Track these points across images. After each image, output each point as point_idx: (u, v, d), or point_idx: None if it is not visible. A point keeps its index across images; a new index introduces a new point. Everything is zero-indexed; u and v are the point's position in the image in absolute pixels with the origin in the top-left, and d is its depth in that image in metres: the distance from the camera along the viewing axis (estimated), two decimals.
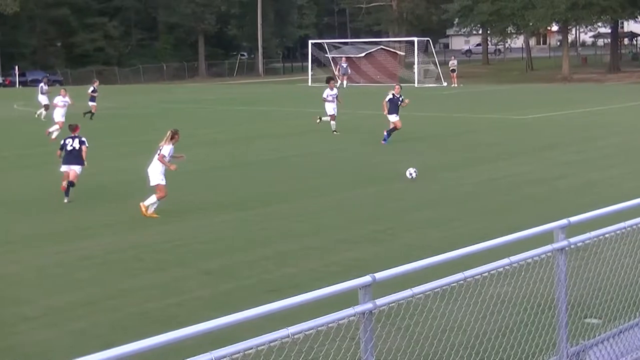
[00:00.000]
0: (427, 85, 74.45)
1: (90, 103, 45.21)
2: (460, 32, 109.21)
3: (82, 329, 11.62)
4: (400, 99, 32.13)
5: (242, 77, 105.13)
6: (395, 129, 31.77)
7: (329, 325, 6.11)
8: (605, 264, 9.41)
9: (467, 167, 25.96)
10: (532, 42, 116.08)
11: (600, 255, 9.16)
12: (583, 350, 8.65)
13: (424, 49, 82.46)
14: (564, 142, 31.67)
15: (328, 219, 18.75)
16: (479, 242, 7.65)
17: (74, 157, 21.75)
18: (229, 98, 62.85)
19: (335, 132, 34.59)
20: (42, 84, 47.33)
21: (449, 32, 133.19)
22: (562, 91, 64.41)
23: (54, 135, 33.99)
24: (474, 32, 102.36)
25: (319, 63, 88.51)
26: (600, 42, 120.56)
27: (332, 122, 34.91)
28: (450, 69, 77.43)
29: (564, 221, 8.24)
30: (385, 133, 31.73)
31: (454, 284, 7.14)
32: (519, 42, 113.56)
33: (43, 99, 45.84)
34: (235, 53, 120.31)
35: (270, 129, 39.41)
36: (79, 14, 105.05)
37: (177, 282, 13.85)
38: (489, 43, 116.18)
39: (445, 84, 74.41)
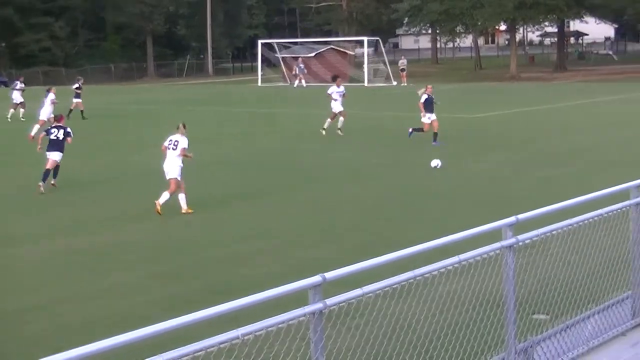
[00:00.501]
0: (377, 85, 74.63)
1: (75, 100, 44.86)
2: (409, 32, 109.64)
3: (30, 336, 11.48)
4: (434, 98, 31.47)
5: (191, 77, 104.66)
6: (422, 129, 31.16)
7: (279, 325, 6.11)
8: (553, 261, 9.53)
9: (415, 167, 26.05)
10: (481, 41, 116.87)
11: (547, 252, 9.27)
12: (531, 346, 8.73)
13: (374, 48, 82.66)
14: (512, 140, 31.91)
15: (278, 220, 18.73)
16: (428, 241, 7.69)
17: (57, 145, 23.09)
18: (178, 99, 62.49)
19: (339, 131, 33.81)
20: (17, 81, 47.34)
21: (399, 31, 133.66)
22: (510, 90, 64.92)
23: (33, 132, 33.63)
24: (424, 31, 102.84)
25: (269, 63, 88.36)
26: (547, 41, 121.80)
27: (341, 119, 34.16)
28: (400, 68, 77.65)
29: (511, 219, 8.32)
30: (410, 130, 31.59)
31: (404, 283, 7.17)
32: (468, 41, 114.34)
33: (17, 97, 45.69)
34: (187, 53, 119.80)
35: (222, 128, 39.25)
36: (24, 14, 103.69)
37: (126, 286, 13.74)
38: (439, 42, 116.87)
39: (395, 83, 74.62)
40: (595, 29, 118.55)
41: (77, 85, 45.62)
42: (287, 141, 33.04)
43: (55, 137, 23.18)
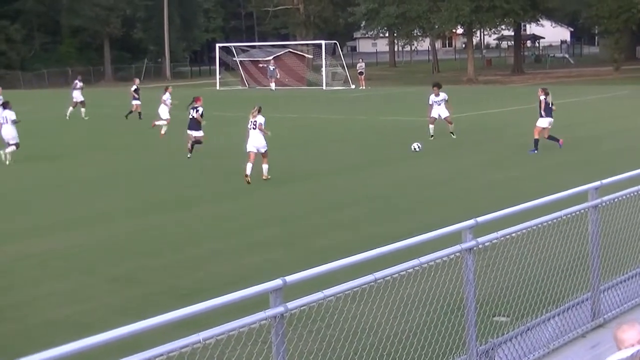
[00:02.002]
0: (335, 88, 74.77)
1: (134, 102, 45.95)
2: (367, 35, 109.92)
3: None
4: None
5: (149, 81, 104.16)
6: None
7: (241, 329, 6.09)
8: (512, 263, 9.58)
9: (373, 169, 26.12)
10: (438, 44, 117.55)
11: (507, 255, 9.31)
12: (492, 349, 8.77)
13: (332, 51, 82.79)
14: (467, 143, 32.07)
15: (237, 223, 18.68)
16: (388, 244, 7.70)
17: (194, 123, 28.90)
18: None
19: (431, 137, 33.64)
20: (77, 81, 49.15)
21: (357, 34, 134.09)
22: (468, 93, 65.26)
23: (163, 130, 36.41)
24: (381, 35, 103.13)
25: (227, 67, 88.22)
26: (504, 44, 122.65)
27: (431, 126, 33.95)
28: (358, 71, 77.82)
29: (471, 221, 8.36)
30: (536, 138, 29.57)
31: (364, 286, 7.18)
32: (425, 44, 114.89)
33: (78, 96, 47.82)
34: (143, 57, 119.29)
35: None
36: None
37: (83, 289, 13.62)
38: (396, 45, 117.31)
39: (353, 86, 74.79)
40: (552, 33, 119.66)
41: (134, 87, 46.72)
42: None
43: (192, 117, 28.91)
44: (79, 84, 48.97)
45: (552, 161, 26.61)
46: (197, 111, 28.96)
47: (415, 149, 29.32)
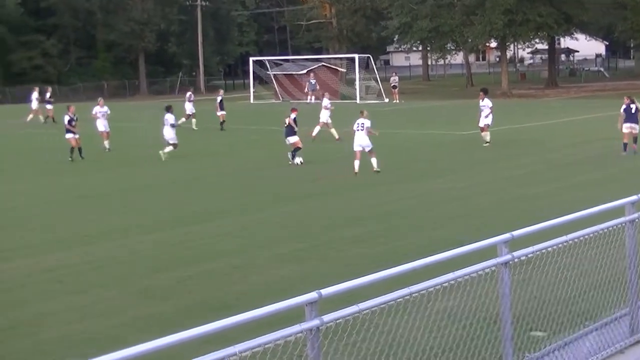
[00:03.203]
0: (368, 102, 74.74)
1: (219, 113, 48.12)
2: (400, 49, 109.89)
3: (1, 355, 11.39)
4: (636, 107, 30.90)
5: (183, 94, 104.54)
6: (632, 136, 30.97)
7: (276, 342, 6.08)
8: (549, 277, 9.49)
9: (410, 182, 26.08)
10: (472, 58, 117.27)
11: (543, 269, 9.23)
12: None
13: (365, 65, 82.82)
14: (503, 157, 31.94)
15: (273, 235, 18.66)
16: (423, 257, 7.66)
17: (290, 131, 30.91)
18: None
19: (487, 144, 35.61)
20: (190, 93, 52.18)
21: (390, 48, 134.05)
22: (501, 106, 64.96)
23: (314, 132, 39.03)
24: (414, 48, 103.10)
25: (260, 80, 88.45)
26: (538, 58, 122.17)
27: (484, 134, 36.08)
28: (392, 85, 77.79)
29: (507, 235, 8.30)
30: (625, 142, 30.78)
31: (400, 299, 7.14)
32: (459, 58, 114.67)
33: (190, 108, 49.92)
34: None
35: (208, 147, 39.26)
36: (16, 32, 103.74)
37: (98, 304, 13.59)
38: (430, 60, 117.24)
39: (386, 100, 74.73)
40: (586, 46, 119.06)
41: (219, 98, 48.73)
42: (250, 161, 33.05)
43: (287, 124, 30.93)
44: (192, 96, 51.50)
45: (589, 176, 26.44)
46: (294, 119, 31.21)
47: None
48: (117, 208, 23.13)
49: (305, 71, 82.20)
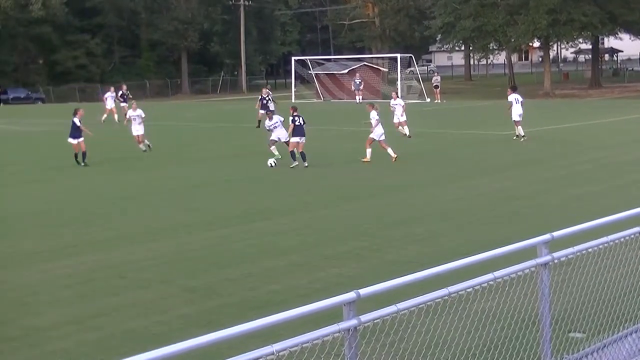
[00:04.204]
0: (410, 101, 74.55)
1: (261, 111, 47.13)
2: (442, 49, 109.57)
3: (66, 349, 11.53)
4: None
5: (225, 94, 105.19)
6: None
7: (314, 341, 6.10)
8: (589, 279, 9.44)
9: (451, 183, 26.00)
10: (514, 58, 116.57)
11: (583, 270, 9.19)
12: None
13: (407, 65, 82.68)
14: (546, 157, 31.76)
15: (312, 235, 18.71)
16: (462, 258, 7.66)
17: (301, 130, 30.33)
18: (212, 115, 62.75)
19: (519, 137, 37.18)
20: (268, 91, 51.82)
21: (432, 48, 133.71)
22: (544, 106, 64.66)
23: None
24: (457, 48, 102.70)
25: (302, 80, 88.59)
26: (582, 58, 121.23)
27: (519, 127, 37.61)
28: (434, 85, 77.59)
29: (547, 236, 8.26)
30: None
31: (438, 300, 7.14)
32: (501, 58, 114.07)
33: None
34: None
35: (253, 146, 39.37)
36: (61, 32, 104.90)
37: (161, 300, 13.76)
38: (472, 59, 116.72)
39: (428, 99, 74.55)
40: (631, 46, 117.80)
41: (262, 97, 48.55)
42: (315, 159, 33.06)
43: (299, 123, 30.35)
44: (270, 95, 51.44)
45: (636, 176, 26.22)
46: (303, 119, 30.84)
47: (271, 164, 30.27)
48: (178, 205, 23.28)
49: (347, 71, 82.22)
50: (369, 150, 31.35)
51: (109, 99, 54.97)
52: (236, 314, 12.21)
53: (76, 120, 32.35)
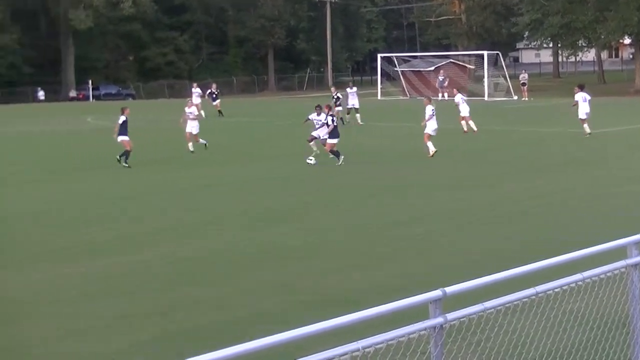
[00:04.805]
0: (497, 99, 73.96)
1: (337, 109, 48.05)
2: (530, 46, 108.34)
3: (134, 342, 11.68)
4: None
5: (311, 90, 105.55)
6: None
7: (400, 339, 6.09)
8: None
9: (538, 180, 25.71)
10: (604, 55, 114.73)
11: None
12: None
13: (494, 62, 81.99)
14: (633, 155, 31.21)
15: (397, 231, 18.64)
16: (550, 257, 7.56)
17: (337, 131, 30.85)
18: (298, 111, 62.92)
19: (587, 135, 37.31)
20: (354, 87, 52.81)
21: (519, 45, 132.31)
22: (635, 105, 63.49)
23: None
24: (545, 45, 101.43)
25: (388, 77, 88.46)
26: None
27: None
28: (521, 82, 76.79)
29: (637, 236, 8.11)
30: None
31: (525, 299, 7.07)
32: (590, 55, 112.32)
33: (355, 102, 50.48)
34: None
35: None
36: (150, 29, 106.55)
37: (241, 295, 13.83)
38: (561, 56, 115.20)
39: (515, 97, 73.82)
40: None
41: (336, 95, 49.57)
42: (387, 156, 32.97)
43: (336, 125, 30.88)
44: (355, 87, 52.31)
45: None
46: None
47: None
48: (241, 198, 23.48)
49: (433, 68, 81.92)
50: (429, 144, 31.76)
51: (195, 95, 56.09)
52: (320, 310, 12.22)
53: (123, 117, 32.21)
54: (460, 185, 25.17)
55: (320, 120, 31.45)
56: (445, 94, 73.84)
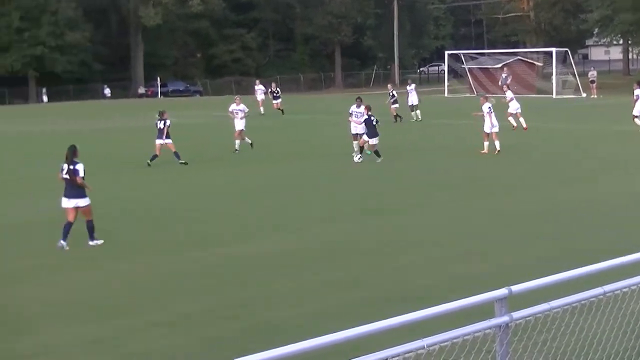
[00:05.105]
0: (565, 97, 73.12)
1: (393, 106, 49.33)
2: (599, 43, 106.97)
3: (218, 337, 11.77)
4: None
5: (378, 87, 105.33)
6: None
7: (465, 337, 6.07)
8: None
9: (605, 180, 25.41)
10: None
11: None
12: None
13: (562, 59, 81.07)
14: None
15: (463, 229, 18.55)
16: (617, 256, 7.48)
17: (375, 130, 30.42)
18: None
19: None
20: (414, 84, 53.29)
21: (588, 42, 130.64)
22: None
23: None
24: (615, 42, 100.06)
25: (455, 74, 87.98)
26: None
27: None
28: (590, 80, 75.82)
29: None
30: None
31: (592, 299, 6.99)
32: None
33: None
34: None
35: (397, 140, 39.34)
36: (218, 26, 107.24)
37: (305, 292, 13.87)
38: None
39: (584, 95, 72.92)
40: None
41: (392, 92, 50.26)
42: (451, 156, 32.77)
43: (375, 124, 30.35)
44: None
45: None
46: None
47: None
48: (319, 197, 23.56)
49: (500, 65, 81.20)
50: (487, 143, 31.91)
51: (259, 92, 56.95)
52: (384, 307, 12.20)
53: (168, 121, 31.90)
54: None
55: (360, 113, 31.44)
56: (509, 92, 73.22)
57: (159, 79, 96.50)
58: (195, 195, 24.81)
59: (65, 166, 17.72)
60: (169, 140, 31.59)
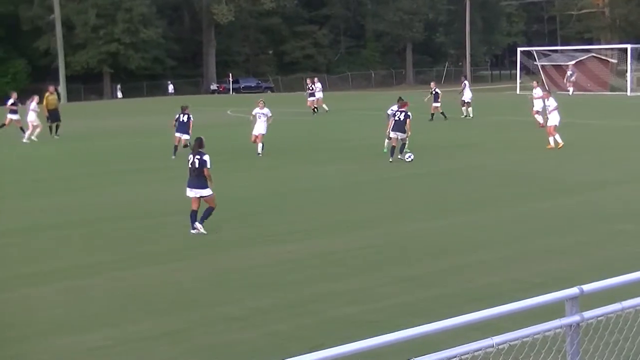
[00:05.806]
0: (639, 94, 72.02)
1: (434, 104, 48.62)
2: None
3: (285, 331, 11.84)
4: None
5: (449, 84, 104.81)
6: None
7: (535, 336, 6.04)
8: None
9: None
10: None
11: None
12: None
13: (638, 56, 79.81)
14: None
15: (529, 229, 18.39)
16: None
17: (398, 125, 29.67)
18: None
19: None
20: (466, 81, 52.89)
21: None
22: None
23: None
24: None
25: (527, 71, 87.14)
26: None
27: None
28: None
29: None
30: None
31: None
32: None
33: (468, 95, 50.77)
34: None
35: (475, 137, 39.08)
36: (290, 23, 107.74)
37: (376, 289, 13.87)
38: None
39: None
40: None
41: (435, 91, 49.19)
42: (511, 154, 32.45)
43: (399, 119, 29.65)
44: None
45: None
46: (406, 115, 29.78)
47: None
48: (379, 196, 23.50)
49: (573, 62, 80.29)
50: (552, 138, 32.03)
51: (317, 91, 57.34)
52: (453, 305, 12.18)
53: (190, 116, 32.23)
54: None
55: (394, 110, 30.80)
56: (572, 88, 72.68)
57: (230, 75, 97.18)
58: (276, 191, 24.89)
59: (191, 157, 18.15)
60: (187, 136, 32.08)
